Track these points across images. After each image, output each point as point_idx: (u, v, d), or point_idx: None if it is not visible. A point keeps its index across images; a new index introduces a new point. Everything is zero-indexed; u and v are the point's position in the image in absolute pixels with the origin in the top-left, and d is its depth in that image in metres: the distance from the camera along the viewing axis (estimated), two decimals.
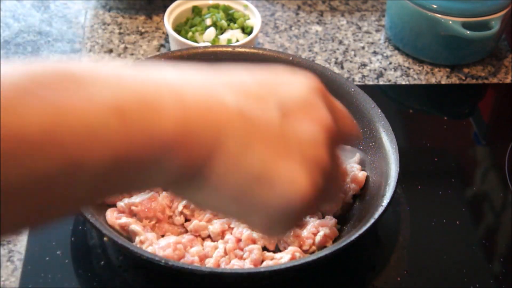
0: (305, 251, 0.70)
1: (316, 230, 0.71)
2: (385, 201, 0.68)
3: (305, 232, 0.71)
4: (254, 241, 0.70)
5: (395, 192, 0.69)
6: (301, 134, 0.41)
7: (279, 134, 0.40)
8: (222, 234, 0.71)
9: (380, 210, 0.67)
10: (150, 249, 0.67)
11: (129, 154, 0.35)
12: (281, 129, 0.40)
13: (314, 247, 0.70)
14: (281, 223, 0.43)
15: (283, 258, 0.68)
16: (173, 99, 0.37)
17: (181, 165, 0.37)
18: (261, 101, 0.40)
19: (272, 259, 0.69)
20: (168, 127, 0.36)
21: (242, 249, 0.70)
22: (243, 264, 0.68)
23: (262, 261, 0.69)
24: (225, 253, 0.69)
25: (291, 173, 0.40)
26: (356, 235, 0.65)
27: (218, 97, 0.39)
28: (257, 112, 0.40)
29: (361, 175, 0.75)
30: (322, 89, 0.44)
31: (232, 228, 0.71)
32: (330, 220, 0.73)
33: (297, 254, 0.68)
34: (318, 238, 0.70)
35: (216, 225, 0.71)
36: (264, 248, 0.70)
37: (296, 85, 0.43)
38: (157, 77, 0.39)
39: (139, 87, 0.37)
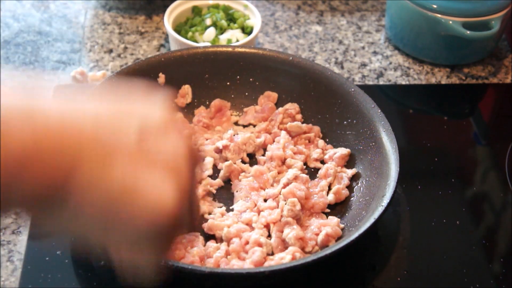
0: (308, 253, 0.70)
1: (318, 230, 0.71)
2: (385, 201, 0.68)
3: (309, 233, 0.71)
4: (260, 245, 0.70)
5: (395, 192, 0.69)
6: (163, 146, 0.43)
7: (139, 150, 0.42)
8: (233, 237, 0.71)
9: (380, 210, 0.67)
10: None
11: None
12: (140, 146, 0.42)
13: (317, 247, 0.70)
14: (152, 238, 0.43)
15: (285, 259, 0.68)
16: (22, 121, 0.39)
17: (38, 183, 0.40)
18: (118, 124, 0.43)
19: (272, 259, 0.69)
20: (17, 145, 0.39)
21: (247, 252, 0.70)
22: (242, 264, 0.68)
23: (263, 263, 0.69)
24: (227, 254, 0.70)
25: (156, 182, 0.42)
26: (356, 235, 0.65)
27: (74, 121, 0.41)
28: (115, 133, 0.42)
29: (344, 192, 0.76)
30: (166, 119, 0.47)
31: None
32: (332, 220, 0.73)
33: (297, 255, 0.68)
34: (320, 237, 0.70)
35: (232, 229, 0.71)
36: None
37: (148, 111, 0.45)
38: (23, 103, 0.41)
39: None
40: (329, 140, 0.83)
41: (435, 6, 0.95)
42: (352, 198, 0.76)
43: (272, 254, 0.70)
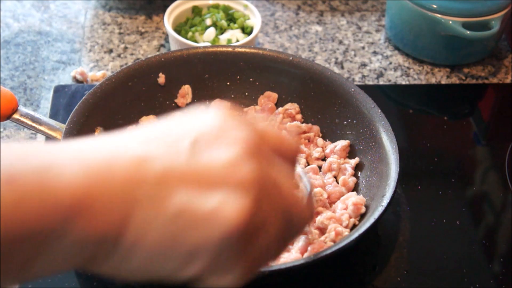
0: (346, 227, 0.71)
1: (344, 205, 0.73)
2: (385, 201, 0.68)
3: (338, 212, 0.72)
4: (305, 233, 0.71)
5: (395, 192, 0.69)
6: (218, 160, 0.38)
7: (195, 170, 0.37)
8: None
9: (380, 210, 0.67)
10: None
11: (23, 223, 0.32)
12: (196, 164, 0.37)
13: (352, 219, 0.72)
14: (227, 264, 0.38)
15: (328, 237, 0.69)
16: (71, 160, 0.34)
17: (91, 234, 0.34)
18: (171, 143, 0.38)
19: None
20: (67, 191, 0.33)
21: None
22: (288, 255, 0.68)
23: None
24: None
25: (213, 204, 0.36)
26: (356, 235, 0.65)
27: (123, 151, 0.37)
28: (168, 155, 0.37)
29: (351, 180, 0.77)
30: (233, 113, 0.42)
31: None
32: (351, 194, 0.74)
33: (339, 229, 0.69)
34: (350, 207, 0.72)
35: None
36: None
37: (205, 117, 0.41)
38: (58, 145, 0.36)
39: (35, 153, 0.34)
40: (329, 140, 0.83)
41: (435, 6, 0.95)
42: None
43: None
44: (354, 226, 0.71)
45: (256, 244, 0.39)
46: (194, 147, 0.38)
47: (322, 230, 0.71)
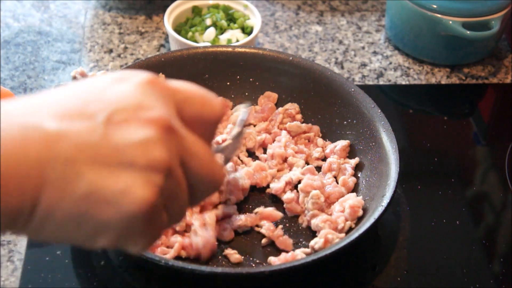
0: (341, 230, 0.71)
1: (342, 207, 0.72)
2: (385, 201, 0.68)
3: (335, 214, 0.72)
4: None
5: (395, 192, 0.69)
6: (129, 141, 0.39)
7: (106, 149, 0.38)
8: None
9: (380, 210, 0.67)
10: None
11: None
12: (108, 143, 0.38)
13: (348, 222, 0.71)
14: (133, 237, 0.41)
15: (317, 244, 0.68)
16: None
17: (7, 208, 0.36)
18: (85, 118, 0.39)
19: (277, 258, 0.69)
20: None
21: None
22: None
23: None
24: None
25: (123, 185, 0.38)
26: (356, 235, 0.65)
27: (36, 126, 0.37)
28: (80, 133, 0.38)
29: (350, 180, 0.77)
30: (154, 82, 0.42)
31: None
32: (350, 195, 0.74)
33: (330, 236, 0.69)
34: (347, 211, 0.71)
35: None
36: (278, 249, 0.71)
37: (122, 89, 0.41)
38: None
39: None
40: (329, 140, 0.83)
41: (435, 6, 0.95)
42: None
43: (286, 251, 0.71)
44: (350, 230, 0.71)
45: (161, 218, 0.42)
46: (108, 124, 0.39)
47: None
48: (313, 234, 0.73)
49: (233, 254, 0.70)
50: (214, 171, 0.44)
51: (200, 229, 0.69)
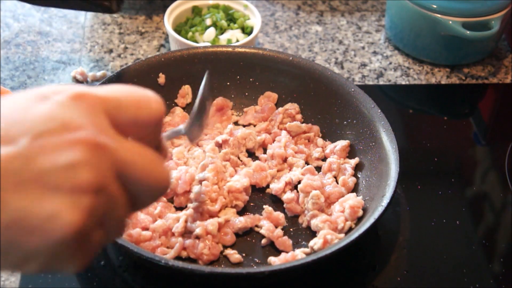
0: (341, 230, 0.71)
1: (342, 207, 0.72)
2: (385, 201, 0.68)
3: (334, 214, 0.72)
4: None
5: (395, 192, 0.69)
6: (54, 164, 0.37)
7: (30, 174, 0.37)
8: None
9: (380, 210, 0.67)
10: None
11: None
12: (32, 167, 0.37)
13: (348, 222, 0.71)
14: (64, 261, 0.39)
15: (316, 244, 0.68)
16: None
17: None
18: (10, 140, 0.37)
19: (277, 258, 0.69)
20: None
21: None
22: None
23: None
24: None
25: (49, 210, 0.37)
26: (356, 235, 0.65)
27: None
28: (2, 158, 0.36)
29: (350, 180, 0.77)
30: (80, 96, 0.40)
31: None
32: (350, 195, 0.74)
33: (329, 237, 0.69)
34: (347, 211, 0.71)
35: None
36: (278, 249, 0.72)
37: (46, 108, 0.39)
38: None
39: None
40: (329, 140, 0.83)
41: (435, 6, 0.95)
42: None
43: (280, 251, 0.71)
44: (350, 230, 0.71)
45: (94, 237, 0.40)
46: (31, 148, 0.37)
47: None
48: (313, 234, 0.73)
49: (233, 254, 0.70)
50: (156, 176, 0.43)
51: (204, 236, 0.70)
